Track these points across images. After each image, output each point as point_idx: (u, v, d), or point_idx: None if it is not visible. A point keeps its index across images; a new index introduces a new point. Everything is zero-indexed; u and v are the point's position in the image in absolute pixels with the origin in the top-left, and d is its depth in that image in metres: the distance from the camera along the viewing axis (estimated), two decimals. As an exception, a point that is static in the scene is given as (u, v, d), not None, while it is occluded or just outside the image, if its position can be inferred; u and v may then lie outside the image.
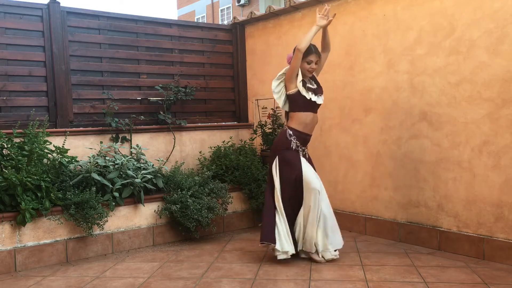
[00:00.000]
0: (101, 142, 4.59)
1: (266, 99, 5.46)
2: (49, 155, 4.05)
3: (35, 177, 3.71)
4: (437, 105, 3.86)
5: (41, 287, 3.31)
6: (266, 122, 5.28)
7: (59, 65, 4.49)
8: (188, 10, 28.20)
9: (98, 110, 4.74)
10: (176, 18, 23.74)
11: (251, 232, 4.75)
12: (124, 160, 4.29)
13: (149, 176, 4.35)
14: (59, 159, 4.06)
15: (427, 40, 3.90)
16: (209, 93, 5.53)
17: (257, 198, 4.79)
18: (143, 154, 4.67)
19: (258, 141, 5.41)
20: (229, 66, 5.70)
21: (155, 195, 4.39)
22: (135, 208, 4.27)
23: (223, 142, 5.34)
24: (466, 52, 3.65)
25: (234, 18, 5.71)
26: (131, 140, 4.76)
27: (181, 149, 5.16)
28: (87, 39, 4.70)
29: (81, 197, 3.83)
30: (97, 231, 4.03)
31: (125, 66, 4.91)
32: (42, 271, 3.66)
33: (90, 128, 4.61)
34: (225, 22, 23.69)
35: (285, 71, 3.76)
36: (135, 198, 4.25)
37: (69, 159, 4.14)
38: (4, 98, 4.25)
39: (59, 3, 4.50)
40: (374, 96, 4.33)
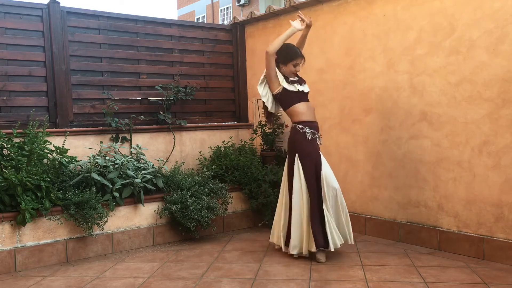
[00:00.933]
0: (101, 142, 4.59)
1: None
2: (49, 155, 4.05)
3: (35, 177, 3.71)
4: (437, 105, 3.86)
5: (41, 287, 3.31)
6: (266, 122, 5.27)
7: (59, 65, 4.49)
8: (188, 10, 28.21)
9: (98, 110, 4.74)
10: (176, 18, 23.75)
11: (251, 232, 4.75)
12: (124, 160, 4.30)
13: (149, 176, 4.35)
14: (59, 159, 4.06)
15: (427, 40, 3.90)
16: (209, 93, 5.53)
17: (257, 198, 4.79)
18: (143, 154, 4.67)
19: (258, 141, 5.41)
20: (229, 66, 5.70)
21: (155, 195, 4.39)
22: (135, 208, 4.27)
23: (223, 142, 5.34)
24: (466, 52, 3.65)
25: (234, 18, 5.71)
26: (131, 140, 4.76)
27: (181, 149, 5.16)
28: (87, 39, 4.70)
29: (81, 197, 3.83)
30: (97, 231, 4.03)
31: (125, 66, 4.91)
32: (42, 271, 3.66)
33: (90, 128, 4.61)
34: (225, 22, 23.69)
35: (265, 74, 3.88)
36: (135, 198, 4.25)
37: (69, 159, 4.14)
38: (4, 98, 4.25)
39: (59, 3, 4.50)
40: (374, 96, 4.33)
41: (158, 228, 4.39)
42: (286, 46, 3.86)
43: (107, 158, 4.34)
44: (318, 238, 3.63)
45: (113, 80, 4.84)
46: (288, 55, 3.83)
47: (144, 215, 4.32)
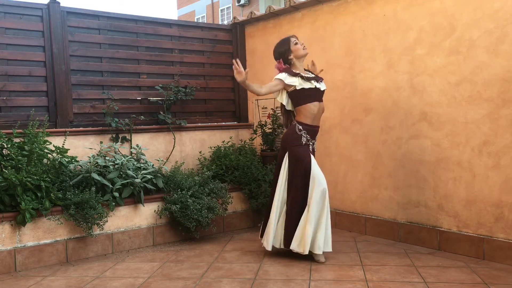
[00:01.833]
0: (101, 142, 4.59)
1: (266, 99, 5.45)
2: (49, 155, 4.04)
3: (35, 177, 3.71)
4: (437, 105, 3.86)
5: (41, 287, 3.31)
6: (266, 122, 5.28)
7: (59, 65, 4.49)
8: (188, 10, 28.22)
9: (98, 110, 4.74)
10: (176, 18, 23.74)
11: (251, 232, 4.75)
12: (124, 160, 4.30)
13: (149, 176, 4.35)
14: (59, 159, 4.06)
15: (427, 40, 3.90)
16: (209, 93, 5.52)
17: (257, 198, 4.79)
18: (143, 154, 4.67)
19: (258, 141, 5.41)
20: (229, 66, 5.65)
21: (155, 195, 4.39)
22: (135, 208, 4.27)
23: (223, 142, 5.34)
24: (466, 52, 3.65)
25: (234, 18, 5.71)
26: (131, 140, 4.76)
27: (181, 149, 5.16)
28: (87, 39, 4.70)
29: (81, 197, 3.83)
30: (97, 231, 4.03)
31: (125, 66, 4.91)
32: (42, 271, 3.66)
33: (90, 128, 4.61)
34: (225, 22, 23.69)
35: (279, 77, 3.76)
36: (135, 198, 4.25)
37: (69, 159, 4.14)
38: (4, 98, 4.25)
39: (59, 3, 4.50)
40: (374, 96, 4.33)
41: (158, 228, 4.39)
42: (275, 46, 3.87)
43: (107, 158, 4.34)
44: (289, 238, 3.67)
45: (113, 80, 4.83)
46: (284, 45, 3.80)
47: (144, 215, 4.32)
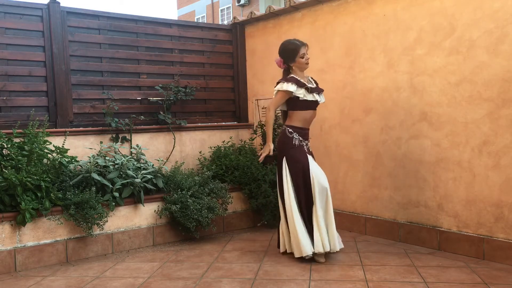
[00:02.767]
0: (101, 142, 4.59)
1: (266, 99, 5.45)
2: (49, 155, 4.05)
3: (35, 177, 3.71)
4: (437, 105, 3.86)
5: (41, 287, 3.31)
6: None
7: (59, 65, 4.49)
8: (188, 10, 28.22)
9: (98, 110, 4.74)
10: (176, 18, 23.74)
11: (251, 232, 4.75)
12: (124, 160, 4.30)
13: (149, 176, 4.35)
14: (59, 159, 4.06)
15: (427, 40, 3.90)
16: (209, 93, 5.53)
17: (257, 198, 4.79)
18: (143, 154, 4.67)
19: (258, 141, 5.40)
20: (229, 66, 5.70)
21: (155, 195, 4.39)
22: (135, 208, 4.27)
23: (223, 142, 5.34)
24: (466, 52, 3.65)
25: (234, 18, 5.72)
26: (131, 140, 4.76)
27: (181, 149, 5.16)
28: (87, 39, 4.70)
29: (81, 197, 3.83)
30: (97, 231, 4.03)
31: (125, 66, 4.91)
32: (42, 271, 3.66)
33: (90, 128, 4.61)
34: (225, 22, 23.69)
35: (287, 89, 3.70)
36: (135, 198, 4.25)
37: (69, 159, 4.14)
38: (4, 98, 4.25)
39: (59, 3, 4.50)
40: (374, 96, 4.33)
41: (158, 228, 4.39)
42: (285, 45, 3.78)
43: (107, 158, 4.33)
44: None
45: (113, 80, 4.84)
46: (292, 51, 3.73)
47: (144, 215, 4.32)
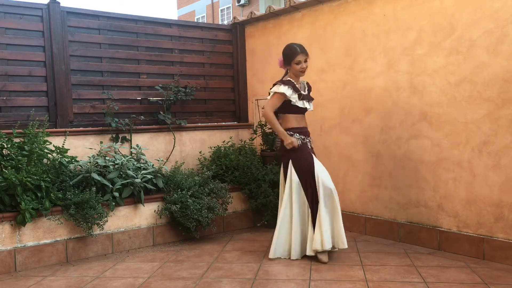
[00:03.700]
0: (101, 142, 4.59)
1: (266, 99, 5.45)
2: (49, 155, 4.04)
3: (35, 177, 3.71)
4: (437, 105, 3.86)
5: (41, 287, 3.31)
6: (266, 122, 5.28)
7: (59, 65, 4.49)
8: (188, 10, 28.22)
9: (98, 110, 4.74)
10: (176, 18, 23.74)
11: (251, 232, 4.75)
12: (124, 160, 4.29)
13: (149, 176, 4.35)
14: (59, 159, 4.06)
15: (427, 40, 3.90)
16: (209, 93, 5.52)
17: (257, 198, 4.79)
18: (143, 154, 4.67)
19: (258, 141, 5.40)
20: (229, 66, 5.70)
21: (155, 195, 4.39)
22: (135, 208, 4.27)
23: (223, 142, 5.34)
24: (466, 52, 3.65)
25: (234, 18, 5.71)
26: (131, 140, 4.76)
27: (181, 149, 5.16)
28: (87, 39, 4.70)
29: (81, 197, 3.83)
30: (97, 231, 4.03)
31: (125, 66, 4.91)
32: (42, 271, 3.66)
33: (90, 128, 4.61)
34: (225, 22, 23.70)
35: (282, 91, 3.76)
36: (135, 198, 4.25)
37: (69, 159, 4.14)
38: (4, 98, 4.25)
39: (59, 3, 4.50)
40: (374, 96, 4.33)
41: (158, 228, 4.39)
42: (286, 47, 3.81)
43: (107, 158, 4.33)
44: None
45: (113, 80, 4.83)
46: (289, 55, 3.75)
47: (144, 215, 4.32)
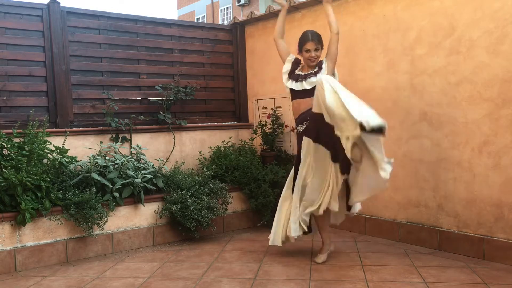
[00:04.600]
0: (101, 142, 4.59)
1: (266, 99, 5.46)
2: (49, 155, 4.05)
3: (35, 177, 3.71)
4: (437, 105, 3.86)
5: (41, 287, 3.31)
6: (266, 122, 5.28)
7: (59, 65, 4.49)
8: (188, 10, 28.22)
9: (98, 110, 4.74)
10: (176, 18, 23.75)
11: (251, 232, 4.75)
12: (124, 160, 4.30)
13: (149, 176, 4.35)
14: (59, 159, 4.06)
15: (427, 40, 3.90)
16: (209, 93, 5.53)
17: (257, 198, 4.79)
18: (143, 154, 4.67)
19: (258, 141, 5.40)
20: (229, 66, 5.70)
21: (155, 195, 4.39)
22: (135, 208, 4.27)
23: (223, 142, 5.34)
24: (466, 52, 3.65)
25: (234, 18, 5.72)
26: (131, 140, 4.76)
27: (181, 149, 5.16)
28: (87, 39, 4.70)
29: (81, 197, 3.83)
30: (97, 231, 4.03)
31: (125, 66, 4.91)
32: (42, 271, 3.66)
33: (90, 128, 4.61)
34: (225, 22, 23.69)
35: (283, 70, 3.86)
36: (135, 198, 4.25)
37: (69, 159, 4.14)
38: (4, 98, 4.25)
39: (59, 3, 4.50)
40: (374, 96, 4.33)
41: (158, 228, 4.39)
42: (303, 33, 3.74)
43: (107, 158, 4.34)
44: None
45: (113, 80, 4.84)
46: (300, 42, 3.70)
47: (144, 215, 4.32)
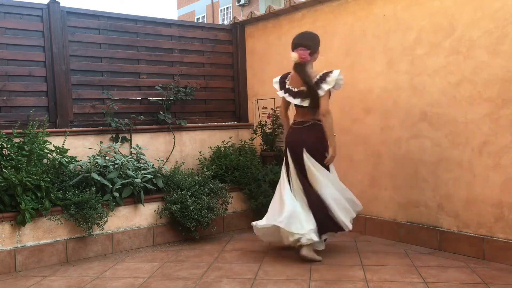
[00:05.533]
0: (101, 142, 4.59)
1: (266, 99, 5.46)
2: (49, 155, 4.05)
3: (35, 177, 3.71)
4: (437, 105, 3.86)
5: (41, 287, 3.31)
6: (266, 122, 5.28)
7: (59, 65, 4.49)
8: (188, 10, 28.24)
9: (98, 110, 4.74)
10: (176, 18, 23.75)
11: (251, 232, 4.72)
12: (124, 160, 4.29)
13: (149, 176, 4.35)
14: (59, 159, 4.06)
15: (427, 40, 3.90)
16: (209, 93, 5.52)
17: (257, 198, 4.79)
18: (143, 154, 4.67)
19: (258, 141, 5.40)
20: (229, 66, 5.70)
21: (155, 195, 4.39)
22: (135, 208, 4.27)
23: (223, 142, 5.34)
24: (466, 52, 3.65)
25: (234, 18, 5.72)
26: (131, 140, 4.76)
27: (181, 149, 5.16)
28: (87, 39, 4.70)
29: (81, 197, 3.83)
30: (97, 231, 4.03)
31: (125, 66, 4.91)
32: (42, 271, 3.66)
33: (90, 128, 4.61)
34: (225, 22, 23.70)
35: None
36: (135, 198, 4.25)
37: (69, 159, 4.14)
38: (4, 98, 4.25)
39: (59, 3, 4.50)
40: (374, 96, 4.33)
41: (158, 228, 4.39)
42: (314, 34, 3.87)
43: (107, 158, 4.34)
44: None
45: (113, 80, 4.83)
46: (319, 41, 3.85)
47: (144, 215, 4.32)
